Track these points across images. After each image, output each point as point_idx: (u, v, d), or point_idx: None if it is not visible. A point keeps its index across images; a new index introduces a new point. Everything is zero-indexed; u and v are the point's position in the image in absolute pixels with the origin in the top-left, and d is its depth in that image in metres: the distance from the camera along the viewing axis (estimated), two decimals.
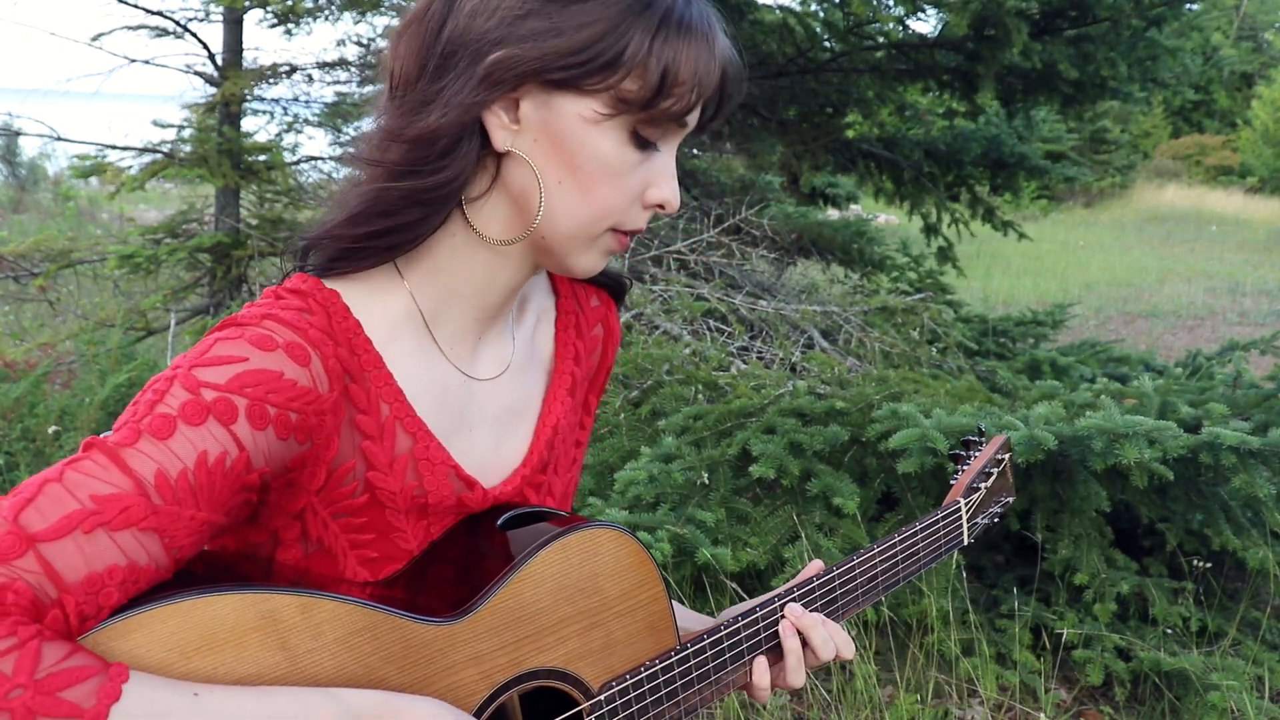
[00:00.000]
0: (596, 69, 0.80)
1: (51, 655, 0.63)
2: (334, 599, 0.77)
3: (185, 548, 0.73)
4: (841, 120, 6.07)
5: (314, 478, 0.82)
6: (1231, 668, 2.68)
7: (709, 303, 4.49)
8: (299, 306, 0.82)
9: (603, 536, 0.92)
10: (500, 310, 0.94)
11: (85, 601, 0.66)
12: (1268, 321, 9.18)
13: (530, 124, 0.83)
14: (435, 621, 0.82)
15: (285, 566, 0.85)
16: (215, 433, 0.74)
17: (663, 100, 0.82)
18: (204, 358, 0.76)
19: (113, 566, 0.68)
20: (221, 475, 0.74)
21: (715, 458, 2.98)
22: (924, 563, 1.22)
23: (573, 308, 1.05)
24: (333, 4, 5.78)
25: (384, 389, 0.85)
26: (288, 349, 0.78)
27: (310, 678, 0.75)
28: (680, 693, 0.97)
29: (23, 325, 6.45)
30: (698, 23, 0.83)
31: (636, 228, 0.89)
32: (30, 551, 0.65)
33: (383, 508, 0.86)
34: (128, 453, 0.71)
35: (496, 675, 0.86)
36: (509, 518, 0.93)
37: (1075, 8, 4.72)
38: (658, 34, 0.81)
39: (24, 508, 0.67)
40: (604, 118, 0.82)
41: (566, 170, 0.84)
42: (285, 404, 0.77)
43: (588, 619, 0.91)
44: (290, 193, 5.88)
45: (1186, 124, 26.58)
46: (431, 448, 0.88)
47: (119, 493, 0.69)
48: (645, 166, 0.87)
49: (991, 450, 1.37)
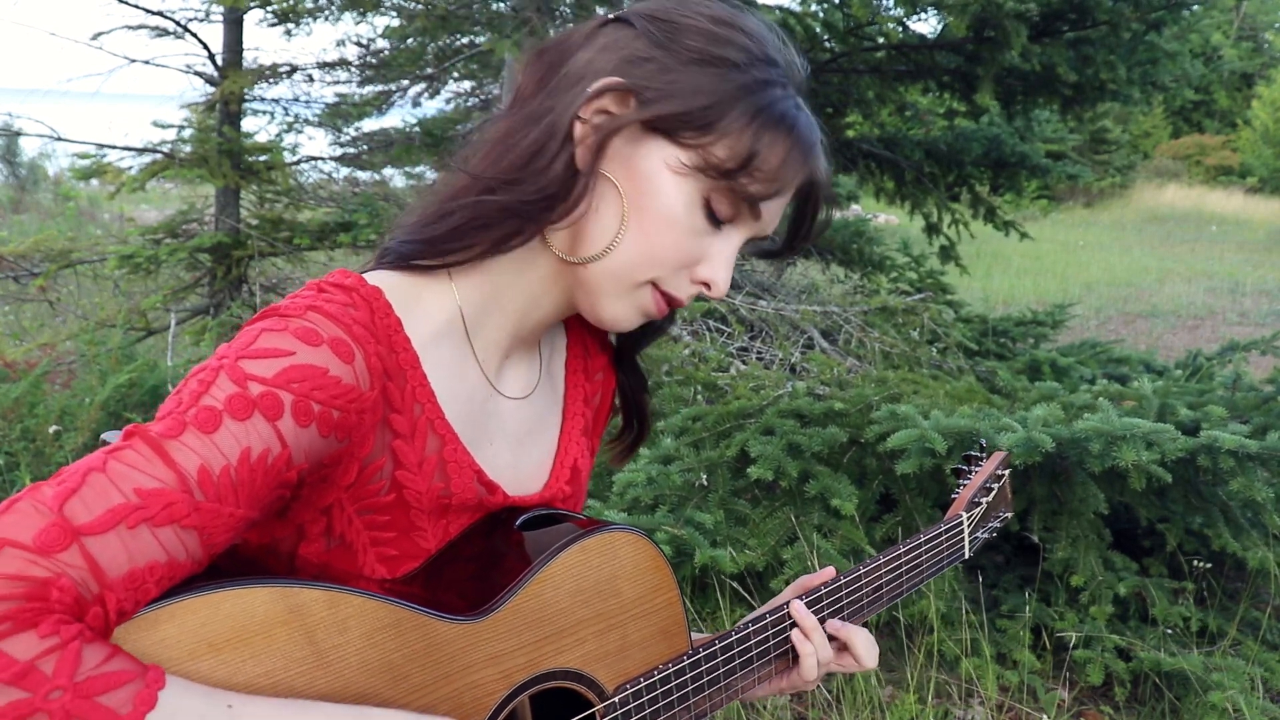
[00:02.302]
0: (695, 127, 0.84)
1: (92, 658, 0.62)
2: (360, 594, 0.76)
3: (221, 544, 0.72)
4: (842, 120, 6.07)
5: (346, 474, 0.82)
6: (1231, 668, 2.68)
7: (708, 303, 4.49)
8: (344, 301, 0.81)
9: (621, 540, 0.93)
10: (532, 335, 0.96)
11: (125, 598, 0.66)
12: (1268, 321, 9.19)
13: (617, 154, 0.86)
14: (458, 619, 0.82)
15: (307, 561, 0.85)
16: (260, 428, 0.73)
17: (743, 176, 0.85)
18: (250, 349, 0.75)
19: (153, 563, 0.67)
20: (263, 472, 0.73)
21: (714, 459, 2.98)
22: (926, 575, 1.25)
23: (581, 352, 1.07)
24: (333, 4, 5.78)
25: (419, 389, 0.85)
26: (333, 344, 0.77)
27: (334, 673, 0.75)
28: (691, 697, 0.98)
29: (23, 325, 6.45)
30: (803, 129, 0.87)
31: (678, 296, 0.90)
32: (75, 545, 0.64)
33: (408, 507, 0.87)
34: (172, 445, 0.70)
35: (515, 675, 0.86)
36: (527, 519, 0.94)
37: (1075, 10, 4.73)
38: (762, 118, 0.85)
39: (68, 498, 0.65)
40: (686, 171, 0.85)
41: (633, 207, 0.86)
42: (329, 401, 0.76)
43: (605, 621, 0.92)
44: (290, 193, 5.89)
45: (1186, 124, 26.58)
46: (459, 451, 0.89)
47: (163, 488, 0.68)
48: (707, 240, 0.89)
49: (992, 466, 1.40)
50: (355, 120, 6.58)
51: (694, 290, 0.91)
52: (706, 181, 0.85)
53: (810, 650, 1.04)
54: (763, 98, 0.85)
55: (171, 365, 4.28)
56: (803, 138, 0.87)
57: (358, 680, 0.76)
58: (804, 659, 1.04)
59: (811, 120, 0.89)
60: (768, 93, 0.85)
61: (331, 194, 6.16)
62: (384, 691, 0.78)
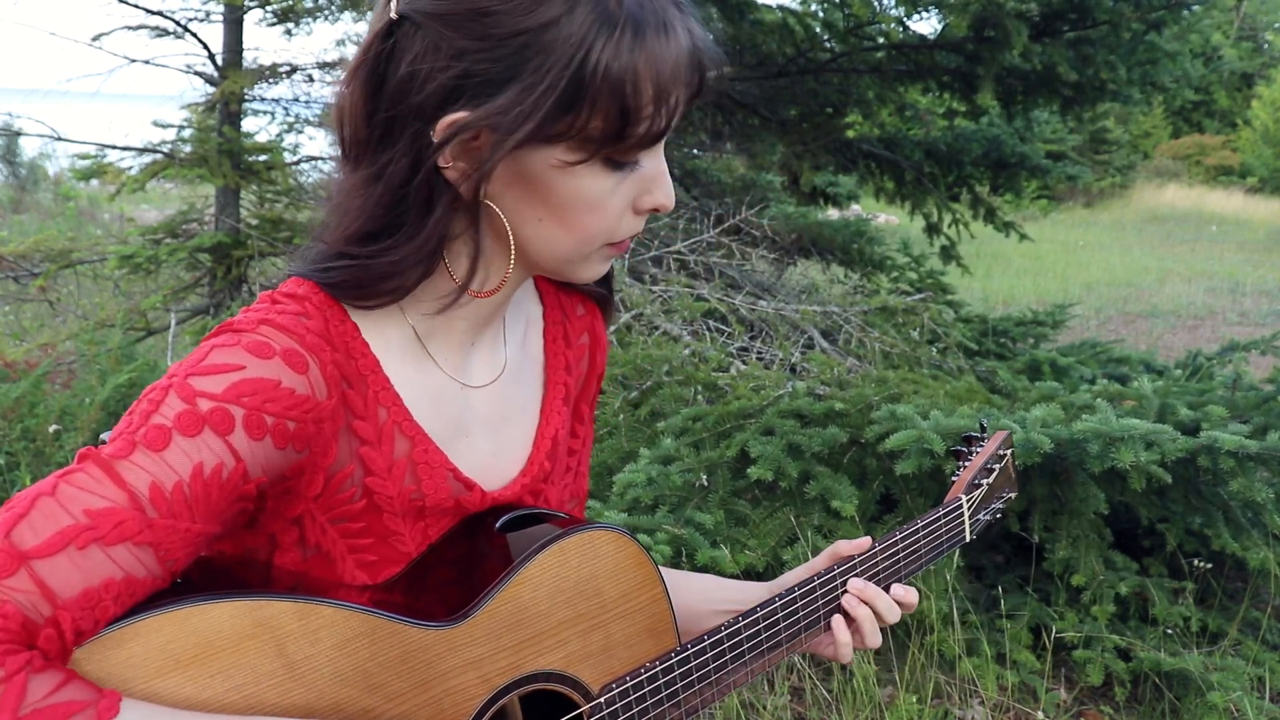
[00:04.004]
0: (557, 126, 0.76)
1: (39, 689, 0.61)
2: (331, 605, 0.76)
3: (180, 560, 0.72)
4: (842, 120, 6.07)
5: (311, 485, 0.81)
6: (1232, 668, 2.68)
7: (709, 303, 4.49)
8: (296, 311, 0.81)
9: (601, 539, 0.92)
10: (491, 320, 0.94)
11: (81, 617, 0.65)
12: (1268, 321, 9.18)
13: (497, 172, 0.80)
14: (433, 626, 0.82)
15: (283, 571, 0.84)
16: (211, 444, 0.72)
17: (629, 129, 0.77)
18: (200, 366, 0.75)
19: (108, 580, 0.67)
20: (218, 487, 0.73)
21: (714, 459, 2.98)
22: (925, 560, 1.21)
23: (559, 317, 1.04)
24: (333, 4, 5.78)
25: (381, 393, 0.85)
26: (285, 356, 0.77)
27: (306, 684, 0.74)
28: (681, 693, 0.97)
29: (23, 325, 6.45)
30: (649, 19, 0.75)
31: (633, 234, 0.87)
32: (23, 569, 0.64)
33: (380, 512, 0.86)
34: (122, 465, 0.70)
35: (495, 679, 0.86)
36: (508, 520, 0.93)
37: (1075, 10, 4.72)
38: (614, 72, 0.74)
39: (16, 524, 0.65)
40: (572, 164, 0.79)
41: (545, 209, 0.82)
42: (283, 413, 0.76)
43: (587, 621, 0.91)
44: (290, 193, 5.88)
45: (1186, 124, 26.57)
46: (430, 451, 0.88)
47: (113, 506, 0.68)
48: (629, 180, 0.83)
49: (994, 446, 1.36)
50: None
51: (644, 218, 0.87)
52: (598, 151, 0.78)
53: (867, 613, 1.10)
54: (604, 49, 0.74)
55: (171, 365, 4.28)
56: (658, 31, 0.75)
57: (331, 690, 0.76)
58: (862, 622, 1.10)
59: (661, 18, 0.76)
60: (604, 38, 0.74)
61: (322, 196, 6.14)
62: (360, 700, 0.77)
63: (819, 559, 1.14)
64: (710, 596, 1.12)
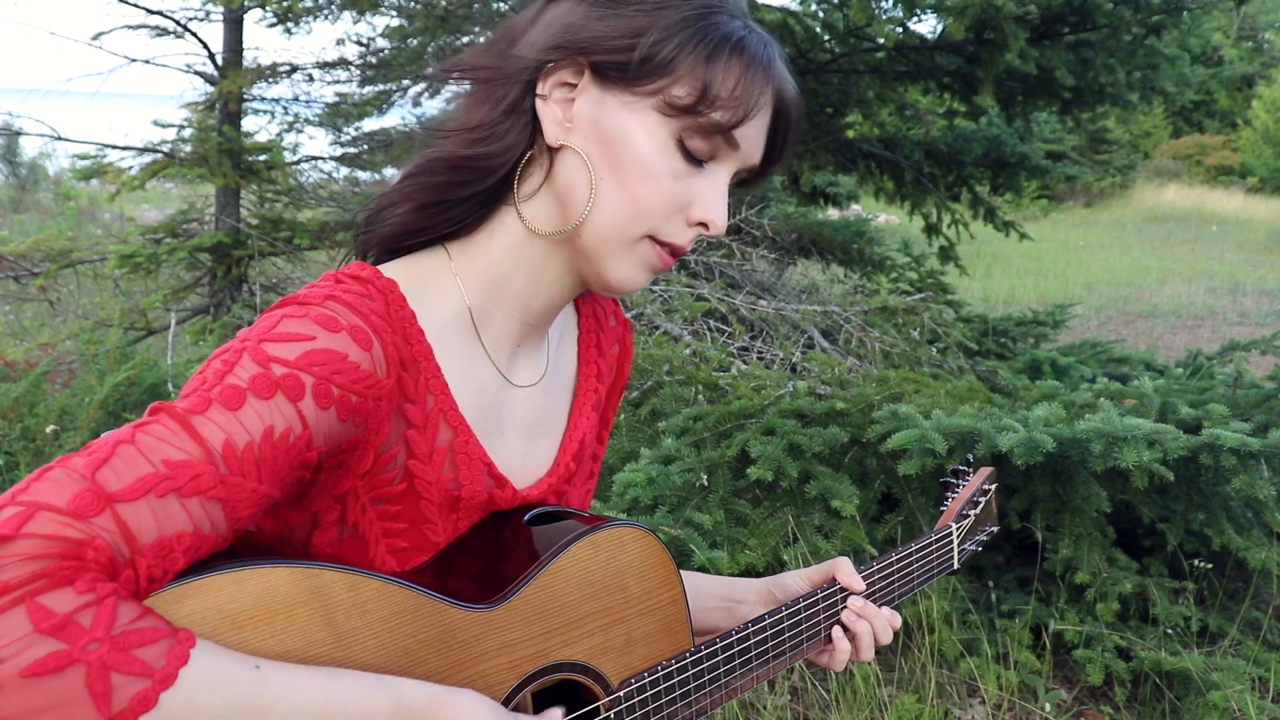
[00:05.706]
0: (648, 69, 0.85)
1: (126, 614, 0.63)
2: (379, 578, 0.78)
3: (244, 519, 0.74)
4: (842, 120, 6.07)
5: (362, 461, 0.83)
6: (1232, 668, 2.68)
7: (709, 303, 4.49)
8: (360, 292, 0.83)
9: (629, 535, 0.94)
10: (542, 320, 0.97)
11: (155, 565, 0.67)
12: (1268, 321, 9.19)
13: (582, 121, 0.87)
14: (472, 608, 0.83)
15: (320, 551, 0.86)
16: (282, 408, 0.74)
17: (705, 107, 0.85)
18: (272, 333, 0.77)
19: (181, 532, 0.68)
20: (285, 450, 0.75)
21: (714, 459, 2.98)
22: (916, 584, 1.26)
23: (593, 326, 1.09)
24: (333, 4, 5.78)
25: (432, 380, 0.87)
26: (352, 332, 0.80)
27: (351, 655, 0.76)
28: (693, 694, 1.00)
29: (23, 325, 6.45)
30: (754, 46, 0.87)
31: (677, 243, 0.90)
32: (108, 510, 0.65)
33: (418, 498, 0.88)
34: (198, 420, 0.71)
35: (524, 665, 0.87)
36: (534, 515, 0.96)
37: (1075, 13, 4.72)
38: (709, 44, 0.85)
39: (100, 467, 0.66)
40: (652, 117, 0.86)
41: (609, 168, 0.87)
42: (348, 386, 0.78)
43: (611, 615, 0.94)
44: (290, 192, 5.89)
45: (1187, 124, 26.59)
46: (470, 443, 0.90)
47: (190, 459, 0.69)
48: (693, 180, 0.89)
49: (979, 480, 1.42)
50: (355, 120, 6.57)
51: (693, 234, 0.91)
52: (674, 122, 0.86)
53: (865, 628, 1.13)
54: (705, 25, 0.85)
55: (171, 365, 4.28)
56: (756, 55, 0.87)
57: (374, 663, 0.77)
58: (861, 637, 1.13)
59: (765, 37, 0.89)
60: (710, 19, 0.86)
61: (332, 194, 6.16)
62: (399, 675, 0.79)
63: (816, 570, 1.18)
64: (700, 591, 1.16)
